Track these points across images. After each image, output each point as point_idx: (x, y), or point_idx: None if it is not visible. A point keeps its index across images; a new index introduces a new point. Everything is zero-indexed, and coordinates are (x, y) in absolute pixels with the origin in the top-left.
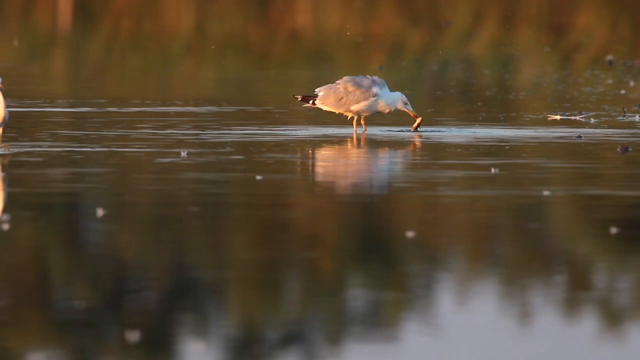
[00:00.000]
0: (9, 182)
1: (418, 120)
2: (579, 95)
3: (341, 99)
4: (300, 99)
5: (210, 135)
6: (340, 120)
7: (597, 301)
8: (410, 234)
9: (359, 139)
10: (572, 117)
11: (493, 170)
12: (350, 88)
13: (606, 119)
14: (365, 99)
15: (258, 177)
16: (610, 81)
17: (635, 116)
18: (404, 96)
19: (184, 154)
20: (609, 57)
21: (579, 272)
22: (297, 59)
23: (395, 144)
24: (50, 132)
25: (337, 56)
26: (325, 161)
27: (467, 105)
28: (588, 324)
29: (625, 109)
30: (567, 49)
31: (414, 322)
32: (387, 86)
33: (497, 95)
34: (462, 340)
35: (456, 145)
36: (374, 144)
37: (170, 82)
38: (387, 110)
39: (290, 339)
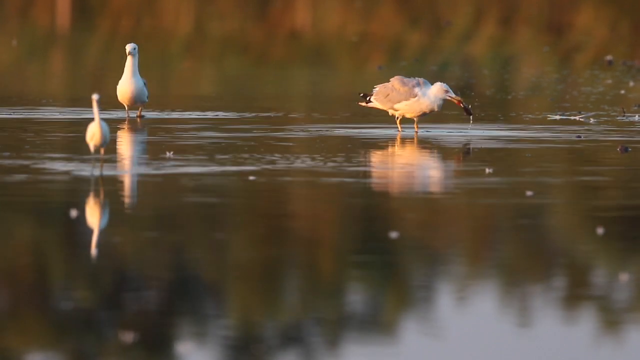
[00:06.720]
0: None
1: (459, 104)
2: (579, 95)
3: (387, 95)
4: (362, 96)
5: (209, 135)
6: (339, 119)
7: (596, 302)
8: (410, 234)
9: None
10: (572, 117)
11: (487, 170)
12: (397, 86)
13: (606, 119)
14: (406, 98)
15: (251, 178)
16: (609, 81)
17: (635, 116)
18: (444, 84)
19: (169, 154)
20: (609, 57)
21: (579, 273)
22: (296, 59)
23: (395, 145)
24: (48, 134)
25: (337, 56)
26: (325, 162)
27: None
28: (587, 324)
29: (624, 109)
30: (567, 49)
31: (413, 322)
32: (430, 85)
33: (496, 95)
34: (462, 341)
35: (454, 146)
36: (378, 144)
37: (169, 82)
38: (435, 109)
39: (290, 339)
